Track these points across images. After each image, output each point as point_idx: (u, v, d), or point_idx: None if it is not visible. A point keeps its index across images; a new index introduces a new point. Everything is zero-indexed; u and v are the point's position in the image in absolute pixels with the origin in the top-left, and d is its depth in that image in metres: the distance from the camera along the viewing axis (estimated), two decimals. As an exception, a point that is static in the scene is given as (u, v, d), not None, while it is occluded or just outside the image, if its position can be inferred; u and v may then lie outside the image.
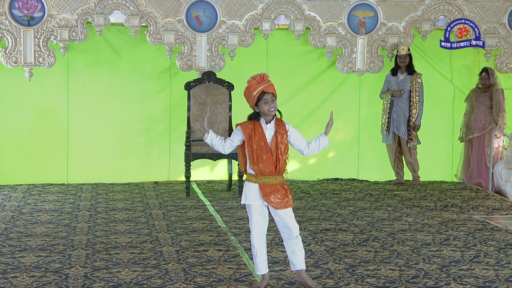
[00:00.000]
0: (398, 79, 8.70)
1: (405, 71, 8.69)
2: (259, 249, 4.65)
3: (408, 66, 8.68)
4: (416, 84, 8.63)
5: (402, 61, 8.65)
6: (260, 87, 4.52)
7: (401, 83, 8.68)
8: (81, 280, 4.79)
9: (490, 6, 9.06)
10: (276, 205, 4.61)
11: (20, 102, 8.72)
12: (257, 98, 4.53)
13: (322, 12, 8.82)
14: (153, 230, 6.34)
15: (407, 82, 8.66)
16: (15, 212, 7.08)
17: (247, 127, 4.58)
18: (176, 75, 8.92)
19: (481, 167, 8.92)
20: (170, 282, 4.77)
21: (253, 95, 4.53)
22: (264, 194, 4.59)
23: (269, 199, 4.59)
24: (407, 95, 8.65)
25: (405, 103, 8.68)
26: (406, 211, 7.33)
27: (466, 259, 5.48)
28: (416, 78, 8.65)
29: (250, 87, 4.55)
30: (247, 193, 4.63)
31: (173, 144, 9.03)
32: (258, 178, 4.60)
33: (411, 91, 8.65)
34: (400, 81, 8.69)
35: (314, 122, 9.17)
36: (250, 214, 4.66)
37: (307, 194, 8.32)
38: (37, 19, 8.27)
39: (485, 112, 8.84)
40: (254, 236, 4.65)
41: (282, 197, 4.62)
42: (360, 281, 4.87)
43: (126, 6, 8.40)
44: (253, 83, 4.55)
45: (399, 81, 8.69)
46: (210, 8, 8.59)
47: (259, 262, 4.67)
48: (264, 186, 4.60)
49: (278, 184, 4.62)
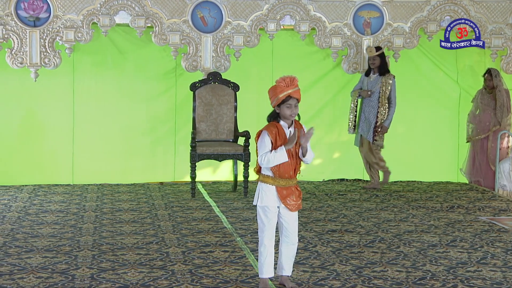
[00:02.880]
0: (369, 80, 8.52)
1: (377, 71, 8.49)
2: (269, 249, 4.62)
3: (380, 67, 8.46)
4: (386, 85, 8.40)
5: (372, 62, 8.46)
6: (287, 90, 4.48)
7: (371, 84, 8.48)
8: (87, 281, 4.79)
9: (496, 6, 9.03)
10: (292, 207, 4.61)
11: (26, 103, 8.73)
12: (281, 100, 4.50)
13: (327, 13, 8.81)
14: (159, 231, 6.34)
15: (378, 83, 8.45)
16: (21, 213, 7.09)
17: (272, 132, 4.56)
18: (182, 75, 8.91)
19: (483, 167, 8.91)
20: (177, 284, 4.77)
21: (278, 96, 4.49)
22: (281, 196, 4.59)
23: (286, 201, 4.59)
24: (376, 96, 8.46)
25: (374, 104, 8.48)
26: (412, 212, 7.32)
27: (473, 260, 5.46)
28: (386, 79, 8.42)
29: (277, 87, 4.50)
30: (264, 195, 4.61)
31: (178, 145, 9.03)
32: (276, 181, 4.60)
33: (380, 92, 8.44)
34: (371, 82, 8.50)
35: (319, 122, 9.15)
36: (265, 215, 4.62)
37: (312, 195, 8.31)
38: (43, 20, 8.27)
39: (490, 113, 8.82)
40: (266, 237, 4.62)
41: (296, 199, 4.64)
42: (367, 282, 4.86)
43: (132, 7, 8.40)
44: (282, 84, 4.49)
45: (370, 81, 8.51)
46: (216, 8, 8.58)
47: (267, 264, 4.63)
48: (282, 188, 4.60)
49: (293, 187, 4.64)
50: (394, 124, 9.48)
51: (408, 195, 8.36)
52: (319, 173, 9.33)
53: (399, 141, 9.34)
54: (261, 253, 4.64)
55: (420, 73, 9.42)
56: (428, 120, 9.40)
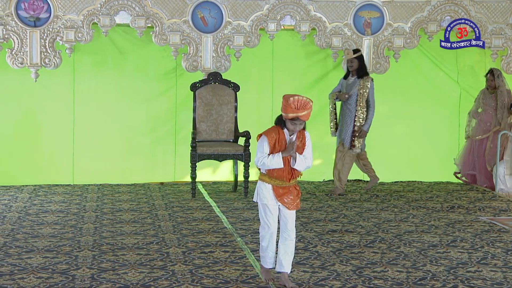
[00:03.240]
0: (348, 82, 8.29)
1: (355, 74, 8.23)
2: (271, 240, 4.73)
3: (358, 70, 8.21)
4: (364, 88, 8.12)
5: (350, 65, 8.24)
6: (297, 113, 4.52)
7: (349, 86, 8.24)
8: (88, 282, 4.79)
9: (497, 6, 9.03)
10: (289, 206, 4.69)
11: (26, 103, 8.73)
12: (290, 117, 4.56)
13: (328, 13, 8.81)
14: (159, 231, 6.34)
15: (355, 85, 8.19)
16: (22, 213, 7.09)
17: (272, 138, 4.64)
18: (182, 75, 8.92)
19: (479, 164, 8.89)
20: (177, 284, 4.77)
21: (288, 114, 4.54)
22: (277, 195, 4.68)
23: (282, 199, 4.69)
24: (354, 99, 8.17)
25: (352, 107, 8.19)
26: (412, 212, 7.32)
27: (474, 261, 5.46)
28: (364, 82, 8.14)
29: (291, 104, 4.51)
30: (260, 193, 4.72)
31: (178, 145, 9.03)
32: (272, 180, 4.68)
33: (358, 95, 8.16)
34: (349, 84, 8.26)
35: (319, 123, 9.15)
36: (265, 212, 4.72)
37: (313, 195, 8.31)
38: (43, 20, 8.27)
39: (491, 114, 8.82)
40: (266, 230, 4.72)
41: (294, 198, 4.71)
42: (367, 283, 4.86)
43: (132, 7, 8.40)
44: (293, 106, 4.50)
45: (348, 84, 8.27)
46: (216, 9, 8.58)
47: (269, 257, 4.76)
48: (278, 187, 4.68)
49: (291, 186, 4.71)
50: (394, 124, 9.50)
51: (409, 195, 8.36)
52: (320, 173, 9.33)
53: (399, 141, 9.35)
54: (263, 246, 4.77)
55: (420, 73, 9.42)
56: (428, 120, 9.39)
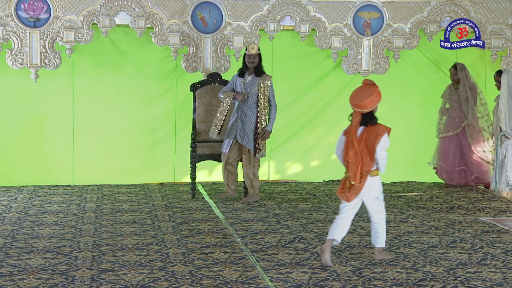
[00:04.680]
0: (245, 81, 7.72)
1: (253, 72, 7.72)
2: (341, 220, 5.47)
3: (256, 67, 7.71)
4: (265, 87, 7.66)
5: (251, 61, 7.66)
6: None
7: (248, 86, 7.69)
8: (87, 282, 4.79)
9: (496, 7, 9.03)
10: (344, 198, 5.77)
11: (26, 104, 8.72)
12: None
13: (327, 13, 8.81)
14: (159, 232, 6.34)
15: (255, 84, 7.69)
16: (21, 213, 7.09)
17: None
18: (182, 76, 8.91)
19: (471, 162, 8.83)
20: (177, 285, 4.77)
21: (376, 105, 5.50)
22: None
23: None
24: (254, 99, 7.70)
25: (252, 108, 7.69)
26: (412, 213, 7.32)
27: (473, 261, 5.46)
28: (264, 80, 7.67)
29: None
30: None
31: (178, 146, 9.03)
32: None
33: (258, 95, 7.67)
34: (247, 84, 7.70)
35: (319, 123, 9.16)
36: None
37: (312, 195, 8.31)
38: (43, 21, 8.27)
39: (458, 109, 8.81)
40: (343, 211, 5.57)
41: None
42: (367, 283, 4.86)
43: (132, 8, 8.40)
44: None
45: (246, 83, 7.71)
46: (216, 9, 8.59)
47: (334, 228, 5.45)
48: None
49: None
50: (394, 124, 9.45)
51: (408, 196, 8.36)
52: (319, 174, 9.33)
53: (399, 141, 9.34)
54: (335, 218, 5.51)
55: (420, 73, 9.42)
56: (428, 120, 9.39)
